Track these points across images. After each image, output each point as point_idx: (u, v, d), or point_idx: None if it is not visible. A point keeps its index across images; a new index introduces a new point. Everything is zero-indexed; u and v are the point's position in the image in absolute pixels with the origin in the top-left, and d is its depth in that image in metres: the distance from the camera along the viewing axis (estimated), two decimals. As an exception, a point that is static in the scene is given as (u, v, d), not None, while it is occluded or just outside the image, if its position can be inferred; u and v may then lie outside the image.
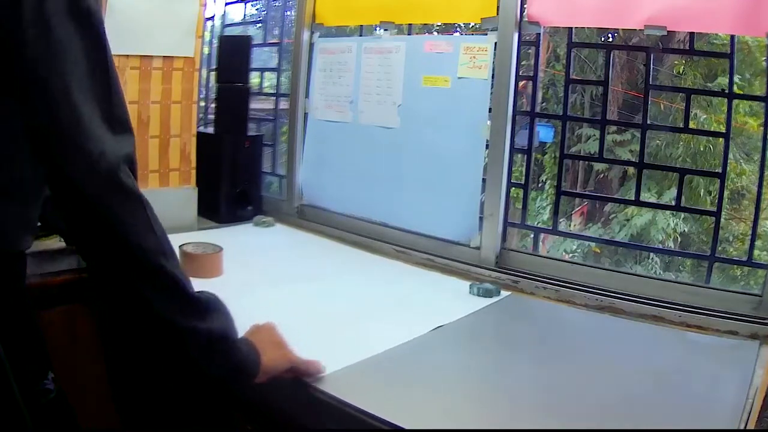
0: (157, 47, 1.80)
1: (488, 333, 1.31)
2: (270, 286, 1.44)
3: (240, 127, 2.13)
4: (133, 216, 0.77)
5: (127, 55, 1.75)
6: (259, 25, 2.54)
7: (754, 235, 1.40)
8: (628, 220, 5.93)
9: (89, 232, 0.76)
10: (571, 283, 1.46)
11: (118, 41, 1.70)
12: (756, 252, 1.39)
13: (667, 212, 5.75)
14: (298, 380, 0.93)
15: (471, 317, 1.30)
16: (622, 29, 3.58)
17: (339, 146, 2.00)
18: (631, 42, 4.26)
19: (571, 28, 1.58)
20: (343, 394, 0.89)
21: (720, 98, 5.55)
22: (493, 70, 1.60)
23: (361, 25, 1.99)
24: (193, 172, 1.96)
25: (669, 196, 5.47)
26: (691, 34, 1.46)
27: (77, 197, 0.74)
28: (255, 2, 2.55)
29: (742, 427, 0.87)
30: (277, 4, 2.49)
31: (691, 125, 4.42)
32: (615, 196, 6.31)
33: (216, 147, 2.07)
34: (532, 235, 1.70)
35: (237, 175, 2.07)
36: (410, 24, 1.88)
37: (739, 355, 1.15)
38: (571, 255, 5.30)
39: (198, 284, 1.23)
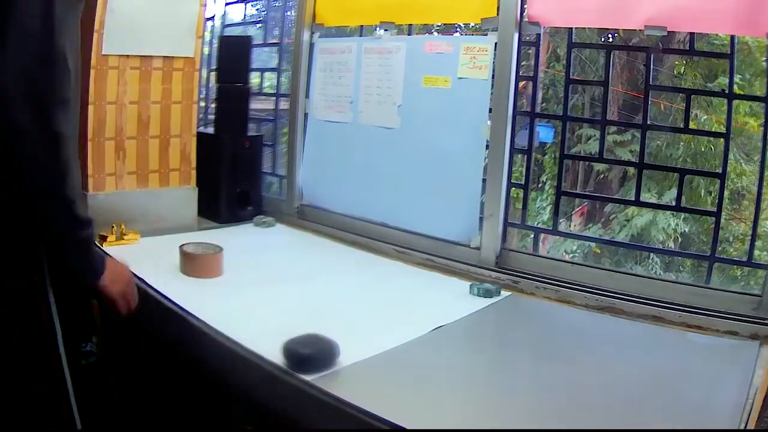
0: (157, 47, 1.81)
1: (488, 333, 1.31)
2: (270, 286, 1.44)
3: (240, 127, 2.13)
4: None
5: (127, 55, 1.76)
6: (259, 25, 2.54)
7: (754, 236, 1.40)
8: (628, 220, 5.92)
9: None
10: (571, 283, 1.46)
11: (118, 41, 1.72)
12: (756, 252, 1.39)
13: (668, 212, 5.74)
14: (298, 378, 0.94)
15: (471, 317, 1.30)
16: (623, 30, 3.58)
17: (339, 146, 2.00)
18: (631, 42, 4.25)
19: (571, 28, 1.58)
20: (343, 394, 0.89)
21: (720, 98, 5.54)
22: (493, 70, 1.60)
23: (361, 26, 2.00)
24: (193, 172, 1.97)
25: (669, 197, 5.46)
26: (691, 34, 1.46)
27: None
28: (255, 2, 2.55)
29: (742, 427, 0.87)
30: (277, 4, 2.49)
31: (692, 126, 4.41)
32: (615, 197, 6.30)
33: (216, 147, 2.07)
34: (532, 236, 1.70)
35: (237, 175, 2.07)
36: (410, 24, 1.88)
37: (739, 355, 1.15)
38: (571, 255, 5.29)
39: (198, 285, 1.23)
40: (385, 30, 1.88)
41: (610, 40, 5.07)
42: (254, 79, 2.32)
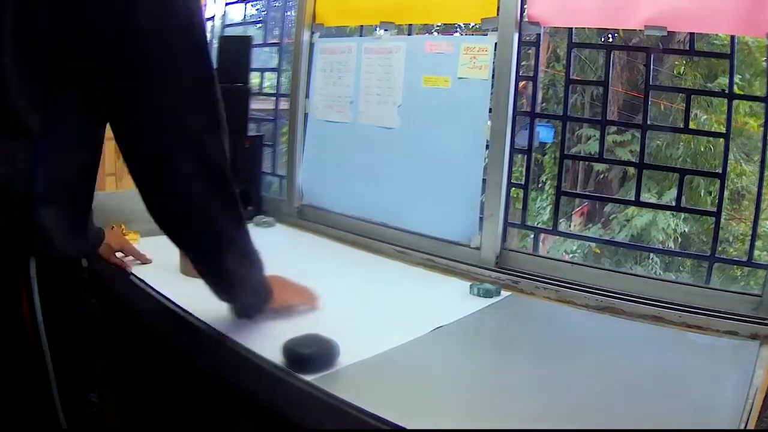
0: (157, 47, 1.80)
1: (488, 333, 1.31)
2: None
3: (240, 127, 2.12)
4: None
5: (128, 55, 1.75)
6: (259, 25, 2.54)
7: (754, 236, 1.40)
8: (628, 220, 5.93)
9: None
10: (571, 284, 1.46)
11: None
12: (756, 252, 1.39)
13: (668, 212, 5.75)
14: (299, 377, 0.94)
15: (471, 317, 1.30)
16: (623, 30, 3.57)
17: (339, 146, 2.00)
18: (631, 42, 4.25)
19: (571, 28, 1.58)
20: (343, 394, 0.89)
21: (720, 98, 5.55)
22: (493, 70, 1.60)
23: (361, 26, 2.00)
24: (193, 172, 1.96)
25: (669, 197, 5.47)
26: (691, 34, 1.45)
27: None
28: (255, 2, 2.55)
29: (742, 427, 0.87)
30: (277, 4, 2.49)
31: (692, 126, 4.41)
32: (615, 197, 6.31)
33: (216, 147, 2.06)
34: (532, 236, 1.70)
35: (237, 175, 2.06)
36: (410, 24, 1.88)
37: (739, 355, 1.15)
38: (571, 255, 5.30)
39: (198, 285, 1.23)
40: (385, 30, 1.88)
41: (610, 40, 5.07)
42: (254, 79, 2.32)
